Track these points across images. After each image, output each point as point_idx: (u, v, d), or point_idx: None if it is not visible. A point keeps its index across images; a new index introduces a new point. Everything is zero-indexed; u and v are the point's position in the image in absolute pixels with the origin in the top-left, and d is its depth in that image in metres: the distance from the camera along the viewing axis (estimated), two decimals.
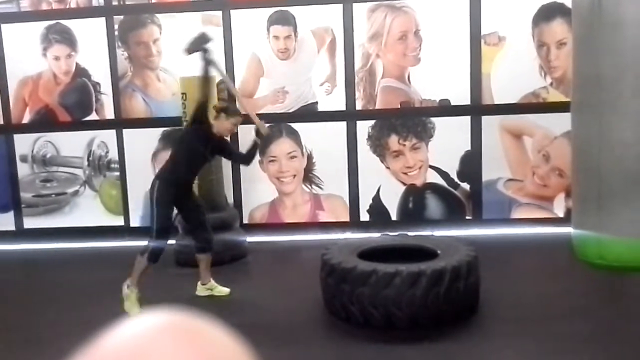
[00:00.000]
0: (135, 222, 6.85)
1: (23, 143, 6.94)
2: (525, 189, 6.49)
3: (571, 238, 5.53)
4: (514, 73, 6.29)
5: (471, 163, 6.49)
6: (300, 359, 3.77)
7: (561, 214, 6.38)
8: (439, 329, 3.99)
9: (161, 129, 6.68)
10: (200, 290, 4.91)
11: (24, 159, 6.97)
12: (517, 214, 6.51)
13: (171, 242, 5.71)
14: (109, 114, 6.79)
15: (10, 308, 4.92)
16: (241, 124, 4.88)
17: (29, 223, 7.04)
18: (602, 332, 3.92)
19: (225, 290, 4.89)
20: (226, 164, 6.49)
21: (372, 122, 6.55)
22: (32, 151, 6.95)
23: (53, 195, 7.01)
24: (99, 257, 6.35)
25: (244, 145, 6.55)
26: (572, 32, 5.58)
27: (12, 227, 7.04)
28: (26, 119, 6.91)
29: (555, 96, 6.27)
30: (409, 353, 3.74)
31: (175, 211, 4.73)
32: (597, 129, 5.06)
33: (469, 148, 6.47)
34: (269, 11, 6.49)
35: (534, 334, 3.93)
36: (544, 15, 6.22)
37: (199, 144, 4.51)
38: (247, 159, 4.92)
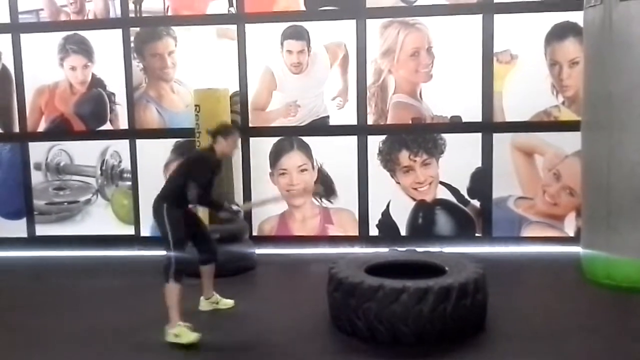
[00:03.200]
0: (146, 231, 6.90)
1: (38, 151, 7.03)
2: (536, 208, 6.47)
3: (580, 256, 5.53)
4: (526, 91, 6.31)
5: (482, 180, 6.49)
6: None
7: (571, 233, 6.36)
8: (445, 345, 3.98)
9: (174, 140, 6.75)
10: (205, 306, 4.87)
11: (38, 167, 7.06)
12: (527, 232, 6.49)
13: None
14: (123, 124, 6.87)
15: (21, 314, 4.97)
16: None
17: (41, 230, 7.11)
18: (609, 352, 3.89)
19: (229, 303, 4.89)
20: (237, 177, 6.54)
21: (383, 137, 6.57)
22: (47, 159, 7.04)
23: (65, 204, 7.08)
24: (109, 266, 6.40)
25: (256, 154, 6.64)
26: (583, 51, 5.62)
27: (24, 234, 7.11)
28: (41, 128, 7.00)
29: (567, 115, 6.27)
30: None
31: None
32: (606, 147, 5.07)
33: (480, 165, 6.47)
34: (283, 26, 6.56)
35: (541, 352, 3.91)
36: (556, 34, 6.24)
37: (208, 171, 4.48)
38: (214, 206, 4.76)
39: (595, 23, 5.12)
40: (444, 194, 6.56)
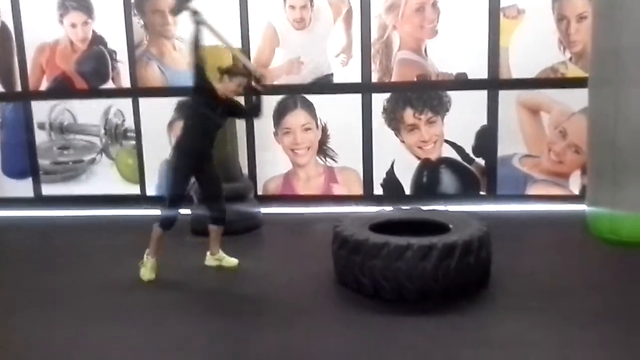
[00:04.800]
0: (151, 190, 6.92)
1: (41, 110, 7.00)
2: (541, 166, 6.45)
3: (585, 214, 5.53)
4: (533, 47, 6.21)
5: (487, 138, 6.45)
6: (311, 330, 3.81)
7: (577, 191, 6.35)
8: (449, 302, 4.01)
9: (177, 98, 6.70)
10: (209, 260, 4.96)
11: (41, 126, 7.05)
12: (532, 191, 6.48)
13: (186, 211, 5.78)
14: (125, 82, 6.81)
15: (28, 272, 5.02)
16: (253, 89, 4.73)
17: (47, 190, 7.14)
18: (614, 307, 3.92)
19: (233, 262, 4.94)
20: (241, 135, 6.52)
21: (388, 95, 6.51)
22: (50, 118, 7.01)
23: (70, 163, 7.09)
24: (115, 224, 6.44)
25: None
26: (591, 5, 5.49)
27: (31, 194, 7.15)
28: (43, 86, 6.96)
29: (574, 71, 6.19)
30: (419, 325, 3.77)
31: (192, 180, 4.75)
32: (613, 102, 5.00)
33: (485, 123, 6.43)
34: None
35: (544, 308, 3.94)
36: None
37: (207, 109, 4.49)
38: (256, 110, 4.80)
39: None
40: (448, 152, 6.54)
